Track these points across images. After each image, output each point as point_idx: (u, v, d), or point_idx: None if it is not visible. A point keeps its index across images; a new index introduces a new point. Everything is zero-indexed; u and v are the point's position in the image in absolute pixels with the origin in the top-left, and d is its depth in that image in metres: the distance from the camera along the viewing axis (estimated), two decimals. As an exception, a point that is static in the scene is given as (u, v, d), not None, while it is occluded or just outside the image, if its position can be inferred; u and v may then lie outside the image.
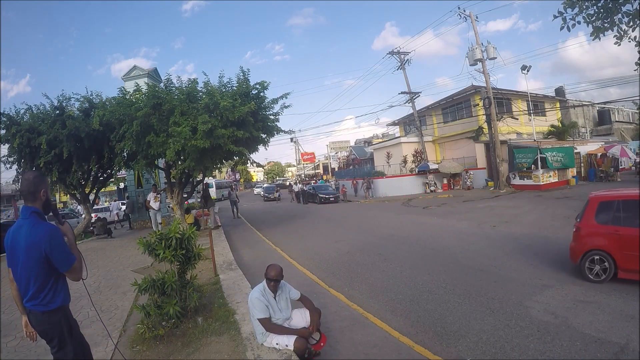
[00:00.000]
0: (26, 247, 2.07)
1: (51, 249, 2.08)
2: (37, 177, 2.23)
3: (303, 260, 7.69)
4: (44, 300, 2.16)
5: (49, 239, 2.08)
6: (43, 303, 2.16)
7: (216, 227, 13.19)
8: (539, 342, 3.36)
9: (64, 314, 2.29)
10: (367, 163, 38.11)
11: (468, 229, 9.40)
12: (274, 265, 3.39)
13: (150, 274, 4.19)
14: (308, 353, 3.18)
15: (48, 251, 2.07)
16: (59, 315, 2.25)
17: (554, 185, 17.99)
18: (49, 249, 2.07)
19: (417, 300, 4.76)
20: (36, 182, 2.20)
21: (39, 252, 2.06)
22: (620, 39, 5.31)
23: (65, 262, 2.16)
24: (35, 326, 2.25)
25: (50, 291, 2.16)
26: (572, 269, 5.37)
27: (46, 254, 2.07)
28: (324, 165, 59.20)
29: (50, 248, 2.08)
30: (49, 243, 2.07)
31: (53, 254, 2.09)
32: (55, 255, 2.10)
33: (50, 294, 2.17)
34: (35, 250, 2.06)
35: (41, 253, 2.06)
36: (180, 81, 11.10)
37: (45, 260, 2.09)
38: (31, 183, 2.18)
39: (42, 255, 2.06)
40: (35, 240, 2.07)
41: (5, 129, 11.12)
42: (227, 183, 43.18)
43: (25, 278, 2.13)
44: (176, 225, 4.22)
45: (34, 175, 2.22)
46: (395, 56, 26.92)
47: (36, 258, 2.07)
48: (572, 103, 30.31)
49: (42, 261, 2.08)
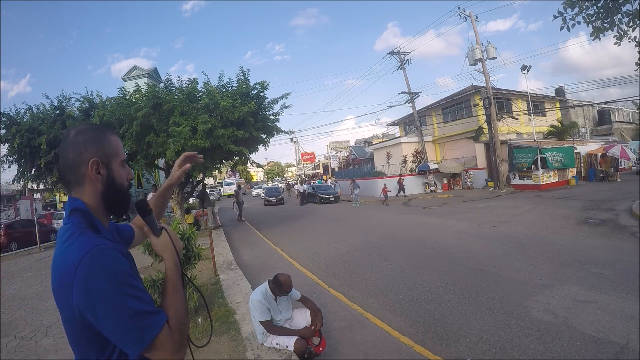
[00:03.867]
0: (54, 283, 0.93)
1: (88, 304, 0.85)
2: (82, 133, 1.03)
3: (303, 260, 7.68)
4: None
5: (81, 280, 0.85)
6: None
7: (216, 227, 13.19)
8: (539, 342, 3.36)
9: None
10: (367, 163, 38.13)
11: (468, 229, 9.39)
12: (286, 277, 3.28)
13: (150, 274, 4.19)
14: (308, 353, 3.18)
15: (81, 306, 0.86)
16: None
17: (554, 185, 17.99)
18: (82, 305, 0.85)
19: (417, 300, 4.76)
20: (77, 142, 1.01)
21: (67, 304, 0.89)
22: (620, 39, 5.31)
23: (130, 335, 0.87)
24: None
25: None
26: (572, 269, 5.37)
27: (79, 312, 0.86)
28: (324, 165, 59.16)
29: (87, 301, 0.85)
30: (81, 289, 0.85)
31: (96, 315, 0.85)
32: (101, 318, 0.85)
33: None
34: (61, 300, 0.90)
35: (71, 308, 0.88)
36: (180, 81, 11.15)
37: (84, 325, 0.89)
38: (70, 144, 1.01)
39: (73, 313, 0.88)
40: (60, 277, 0.90)
41: (5, 129, 11.15)
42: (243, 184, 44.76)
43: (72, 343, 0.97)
44: (176, 225, 4.22)
45: (77, 130, 1.04)
46: (395, 56, 26.92)
47: (66, 316, 0.91)
48: (572, 103, 30.31)
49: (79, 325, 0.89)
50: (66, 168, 1.01)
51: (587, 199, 12.64)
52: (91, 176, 1.01)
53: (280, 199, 25.81)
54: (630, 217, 8.83)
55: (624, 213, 9.38)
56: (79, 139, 1.01)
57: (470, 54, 19.95)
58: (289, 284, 3.26)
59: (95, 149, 1.02)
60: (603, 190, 14.55)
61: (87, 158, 1.00)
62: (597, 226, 8.27)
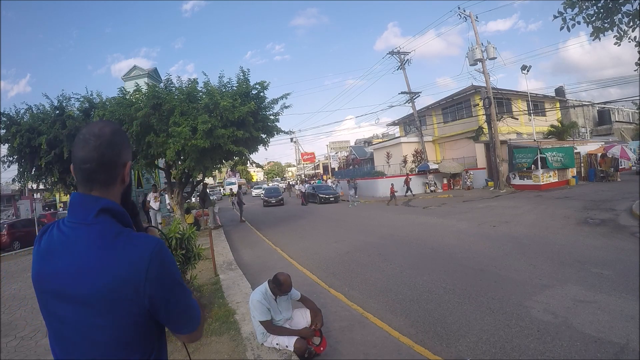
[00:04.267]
0: (98, 289, 0.88)
1: (161, 291, 0.93)
2: (118, 132, 1.02)
3: (303, 260, 7.68)
4: None
5: (158, 270, 0.92)
6: None
7: (216, 227, 13.19)
8: (539, 342, 3.36)
9: None
10: (367, 163, 38.14)
11: (468, 229, 9.39)
12: (286, 277, 3.28)
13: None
14: (308, 353, 3.18)
15: (155, 295, 0.92)
16: None
17: (554, 185, 17.99)
18: (157, 291, 0.92)
19: (417, 300, 4.76)
20: (119, 142, 1.00)
21: (131, 297, 0.90)
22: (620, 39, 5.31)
23: (189, 316, 1.00)
24: None
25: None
26: (572, 269, 5.37)
27: (151, 301, 0.92)
28: (324, 165, 59.15)
29: (160, 288, 0.93)
30: (157, 277, 0.92)
31: (165, 300, 0.94)
32: (169, 303, 0.94)
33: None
34: (121, 295, 0.89)
35: (140, 300, 0.91)
36: (180, 81, 11.15)
37: (145, 317, 0.93)
38: (110, 144, 0.97)
39: (137, 305, 0.91)
40: (121, 271, 0.90)
41: (5, 129, 11.15)
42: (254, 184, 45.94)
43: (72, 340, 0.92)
44: (176, 225, 4.22)
45: (112, 130, 1.00)
46: (395, 56, 26.93)
47: (123, 311, 0.90)
48: (572, 103, 30.32)
49: (135, 319, 0.92)
50: (99, 166, 0.96)
51: (587, 199, 12.64)
52: (125, 178, 1.03)
53: (280, 200, 25.27)
54: (630, 217, 8.83)
55: (624, 213, 9.38)
56: (117, 139, 1.00)
57: (470, 54, 19.95)
58: (288, 284, 3.26)
59: (129, 151, 1.06)
60: (603, 190, 14.55)
61: (124, 160, 1.01)
62: (597, 226, 8.27)
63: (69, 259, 0.91)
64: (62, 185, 12.87)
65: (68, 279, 0.90)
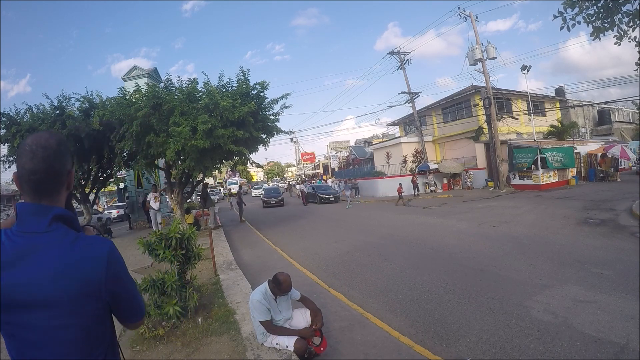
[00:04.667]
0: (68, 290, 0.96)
1: (118, 285, 1.07)
2: (62, 143, 1.06)
3: (303, 260, 7.68)
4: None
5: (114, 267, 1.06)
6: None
7: (216, 227, 13.19)
8: (539, 342, 3.36)
9: None
10: (367, 163, 38.14)
11: (468, 229, 9.39)
12: (286, 275, 3.28)
13: (150, 274, 4.19)
14: (308, 353, 3.18)
15: (112, 290, 1.05)
16: None
17: (554, 185, 17.98)
18: (115, 286, 1.06)
19: (417, 300, 4.76)
20: (62, 152, 1.04)
21: (96, 294, 1.02)
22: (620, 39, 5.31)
23: (139, 305, 1.16)
24: None
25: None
26: (572, 269, 5.37)
27: (112, 296, 1.05)
28: (324, 165, 59.15)
29: (117, 283, 1.06)
30: (114, 273, 1.05)
31: (122, 293, 1.09)
32: (124, 295, 1.10)
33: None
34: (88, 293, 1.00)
35: (102, 295, 1.03)
36: (180, 81, 11.13)
37: (106, 312, 1.07)
38: (55, 154, 1.02)
39: (101, 301, 1.03)
40: (86, 272, 1.00)
41: (5, 129, 11.14)
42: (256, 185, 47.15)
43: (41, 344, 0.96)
44: (176, 225, 4.22)
45: (57, 141, 1.04)
46: (395, 56, 26.93)
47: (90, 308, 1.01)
48: (572, 103, 30.32)
49: (99, 313, 1.04)
50: (48, 176, 1.01)
51: (587, 199, 12.64)
52: (69, 185, 1.10)
53: (280, 200, 24.47)
54: (630, 217, 8.83)
55: (624, 213, 9.38)
56: (63, 149, 1.05)
57: (470, 54, 19.95)
58: (288, 283, 3.25)
59: (70, 159, 1.11)
60: (603, 190, 14.55)
61: (68, 168, 1.08)
62: (597, 226, 8.27)
63: (33, 268, 0.95)
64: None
65: (35, 287, 0.94)
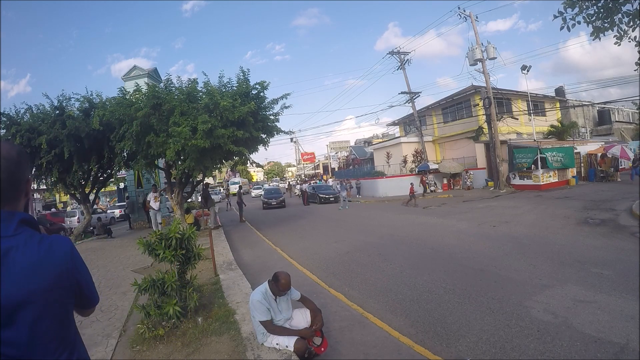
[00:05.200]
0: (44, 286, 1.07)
1: (80, 275, 1.22)
2: (21, 154, 1.15)
3: (303, 260, 7.68)
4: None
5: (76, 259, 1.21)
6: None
7: (216, 227, 13.19)
8: (539, 342, 3.36)
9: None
10: (367, 163, 38.15)
11: (468, 229, 9.39)
12: (285, 274, 3.28)
13: (150, 274, 4.19)
14: (308, 353, 3.18)
15: (77, 279, 1.20)
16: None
17: (554, 185, 17.99)
18: (78, 275, 1.21)
19: (417, 300, 4.76)
20: (21, 162, 1.13)
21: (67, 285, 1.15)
22: (620, 39, 5.31)
23: (94, 293, 1.32)
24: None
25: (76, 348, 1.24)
26: (572, 269, 5.37)
27: (78, 285, 1.20)
28: (324, 165, 59.18)
29: (79, 273, 1.22)
30: (77, 265, 1.20)
31: (82, 282, 1.23)
32: (85, 284, 1.24)
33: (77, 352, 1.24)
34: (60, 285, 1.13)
35: (71, 285, 1.17)
36: (180, 81, 11.12)
37: (70, 300, 1.19)
38: (15, 164, 1.10)
39: (71, 291, 1.17)
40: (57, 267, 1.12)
41: (5, 129, 11.12)
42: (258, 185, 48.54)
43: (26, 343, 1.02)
44: (176, 225, 4.22)
45: (17, 152, 1.13)
46: (395, 56, 26.93)
47: (62, 298, 1.13)
48: (572, 103, 30.32)
49: (69, 301, 1.18)
50: (10, 185, 1.08)
51: (587, 199, 12.65)
52: (28, 192, 1.19)
53: (281, 202, 23.16)
54: (630, 217, 8.83)
55: (624, 213, 9.38)
56: (22, 159, 1.13)
57: (470, 54, 19.95)
58: (287, 282, 3.25)
59: (29, 169, 1.24)
60: (603, 190, 14.55)
61: (27, 176, 1.17)
62: (597, 226, 8.27)
63: (8, 268, 1.00)
64: (62, 185, 12.86)
65: (12, 288, 0.99)
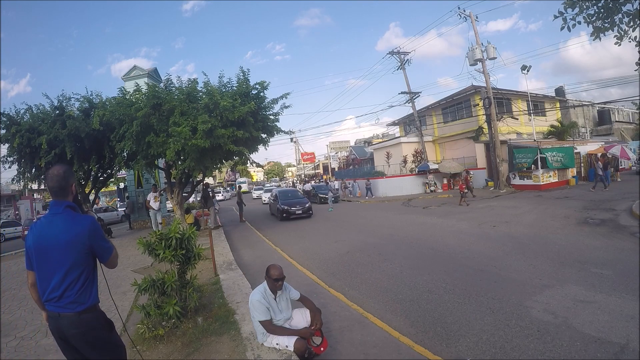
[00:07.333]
0: (67, 240, 2.00)
1: (95, 239, 2.08)
2: (67, 171, 2.15)
3: (303, 260, 7.68)
4: (82, 297, 2.03)
5: (93, 229, 2.08)
6: (80, 301, 2.02)
7: (216, 227, 13.19)
8: (539, 342, 3.36)
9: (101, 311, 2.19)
10: (367, 163, 38.13)
11: (468, 229, 9.39)
12: (275, 265, 3.36)
13: (150, 274, 4.19)
14: (308, 353, 3.18)
15: (93, 241, 2.07)
16: (97, 312, 2.15)
17: (554, 185, 17.98)
18: (94, 239, 2.08)
19: (417, 300, 4.76)
20: (67, 176, 2.13)
21: (82, 244, 2.03)
22: (621, 39, 5.30)
23: (107, 251, 2.16)
24: (68, 330, 2.03)
25: (89, 286, 2.09)
26: (572, 269, 5.37)
27: (91, 244, 2.06)
28: (324, 165, 59.15)
29: (95, 238, 2.08)
30: (93, 233, 2.07)
31: (98, 244, 2.10)
32: (99, 245, 2.10)
33: (88, 290, 2.08)
34: (79, 243, 2.03)
35: (85, 245, 2.04)
36: (180, 81, 11.13)
37: (88, 252, 2.07)
38: (62, 178, 2.10)
39: (85, 248, 2.04)
40: (79, 232, 2.03)
41: (5, 129, 11.12)
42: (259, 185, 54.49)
43: (59, 277, 2.00)
44: (176, 225, 4.22)
45: (64, 170, 2.14)
46: (395, 56, 26.92)
47: (79, 251, 2.02)
48: (572, 103, 30.31)
49: (85, 253, 2.05)
50: (59, 189, 2.12)
51: (587, 199, 12.64)
52: (73, 192, 2.20)
53: (307, 209, 15.75)
54: (630, 217, 8.83)
55: (624, 213, 9.38)
56: (67, 175, 2.15)
57: (470, 54, 19.94)
58: (279, 272, 3.27)
59: (73, 178, 2.26)
60: (603, 191, 14.55)
61: (71, 183, 2.18)
62: (597, 226, 8.27)
63: (54, 229, 2.06)
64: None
65: (58, 236, 2.03)
